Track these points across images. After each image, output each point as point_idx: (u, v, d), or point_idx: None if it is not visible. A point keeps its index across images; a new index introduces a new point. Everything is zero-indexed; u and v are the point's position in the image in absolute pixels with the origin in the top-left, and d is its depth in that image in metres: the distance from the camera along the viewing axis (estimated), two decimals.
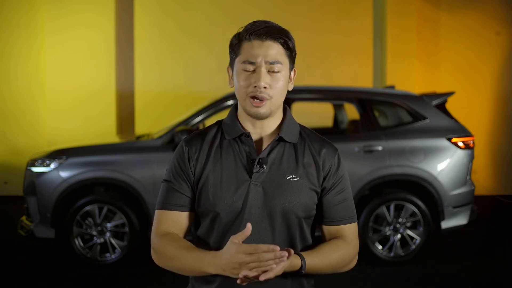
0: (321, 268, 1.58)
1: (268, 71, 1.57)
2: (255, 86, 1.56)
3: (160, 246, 1.59)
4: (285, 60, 1.60)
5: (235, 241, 1.44)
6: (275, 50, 1.57)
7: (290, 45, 1.60)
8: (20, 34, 8.35)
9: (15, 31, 8.35)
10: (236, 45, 1.61)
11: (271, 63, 1.57)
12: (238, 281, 1.43)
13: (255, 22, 1.60)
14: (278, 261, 1.42)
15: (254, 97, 1.57)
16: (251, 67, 1.58)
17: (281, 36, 1.58)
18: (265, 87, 1.56)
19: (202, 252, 1.53)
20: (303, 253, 1.55)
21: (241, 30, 1.62)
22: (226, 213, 1.59)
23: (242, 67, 1.59)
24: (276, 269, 1.42)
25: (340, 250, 1.63)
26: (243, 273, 1.40)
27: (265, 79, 1.56)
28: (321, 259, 1.58)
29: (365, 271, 4.79)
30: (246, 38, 1.59)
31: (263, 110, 1.58)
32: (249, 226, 1.44)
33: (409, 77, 8.34)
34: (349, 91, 5.36)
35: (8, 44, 8.40)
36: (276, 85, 1.58)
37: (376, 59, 8.64)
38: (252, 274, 1.41)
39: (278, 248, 1.42)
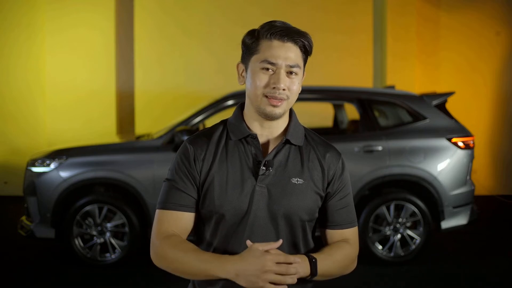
0: (330, 272, 1.59)
1: (286, 73, 1.56)
2: (273, 88, 1.54)
3: (162, 248, 1.54)
4: (302, 64, 1.59)
5: (260, 248, 1.45)
6: (294, 53, 1.56)
7: (308, 48, 1.58)
8: (20, 34, 8.35)
9: (15, 31, 8.35)
10: (253, 42, 1.58)
11: (291, 66, 1.55)
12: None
13: (273, 21, 1.57)
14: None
15: (271, 97, 1.55)
16: (270, 67, 1.55)
17: (301, 39, 1.56)
18: (283, 89, 1.55)
19: (212, 255, 1.52)
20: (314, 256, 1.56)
21: (258, 28, 1.59)
22: (231, 215, 1.57)
23: (260, 66, 1.55)
24: (293, 278, 1.46)
25: (344, 251, 1.64)
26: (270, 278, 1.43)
27: (285, 82, 1.55)
28: (333, 261, 1.59)
29: (365, 271, 4.79)
30: (266, 36, 1.56)
31: (279, 110, 1.57)
32: (279, 242, 1.48)
33: (409, 77, 8.34)
34: (349, 91, 5.36)
35: (8, 44, 8.40)
36: (293, 87, 1.57)
37: (376, 59, 8.64)
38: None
39: (299, 260, 1.47)
